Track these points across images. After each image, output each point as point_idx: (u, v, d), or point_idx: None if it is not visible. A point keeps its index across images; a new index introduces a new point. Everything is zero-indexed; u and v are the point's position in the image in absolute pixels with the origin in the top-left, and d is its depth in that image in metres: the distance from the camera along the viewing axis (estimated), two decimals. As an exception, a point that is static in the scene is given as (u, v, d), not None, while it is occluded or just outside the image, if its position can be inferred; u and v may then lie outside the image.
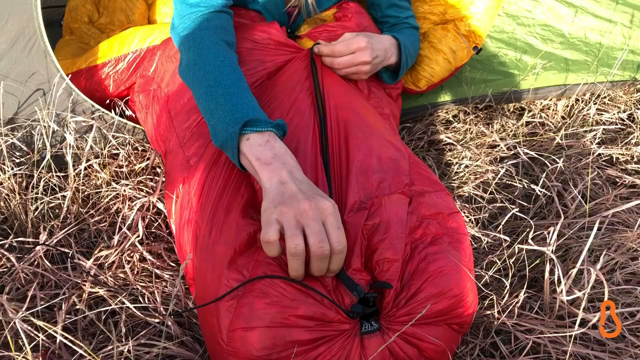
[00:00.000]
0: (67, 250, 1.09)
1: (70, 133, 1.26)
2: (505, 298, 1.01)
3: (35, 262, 1.06)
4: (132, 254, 1.11)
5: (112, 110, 1.37)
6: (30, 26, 1.26)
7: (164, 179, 1.20)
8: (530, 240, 1.03)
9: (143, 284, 1.05)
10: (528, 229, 1.15)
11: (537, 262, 1.11)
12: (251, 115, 0.89)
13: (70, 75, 1.32)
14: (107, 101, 1.38)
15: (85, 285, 1.01)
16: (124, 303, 0.97)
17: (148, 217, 1.18)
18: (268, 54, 1.15)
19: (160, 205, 1.20)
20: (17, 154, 1.29)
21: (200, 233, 0.91)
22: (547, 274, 0.98)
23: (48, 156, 1.22)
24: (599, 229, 1.18)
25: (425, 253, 0.86)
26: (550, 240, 1.01)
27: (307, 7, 1.29)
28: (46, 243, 1.07)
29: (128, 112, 1.36)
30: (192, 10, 1.11)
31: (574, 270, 0.96)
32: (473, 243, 1.21)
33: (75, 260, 1.07)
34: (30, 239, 1.11)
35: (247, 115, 0.89)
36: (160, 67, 1.25)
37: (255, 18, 1.26)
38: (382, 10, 1.42)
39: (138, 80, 1.31)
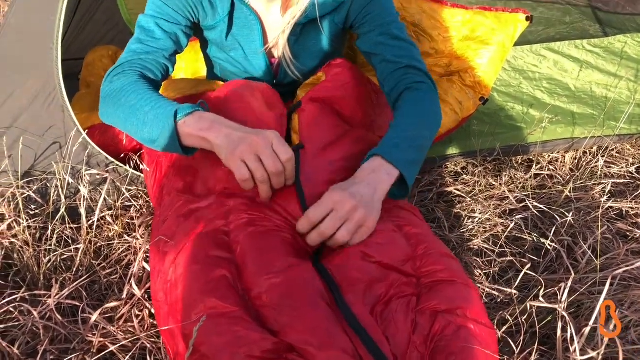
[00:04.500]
0: (77, 304, 1.09)
1: (84, 186, 1.28)
2: (517, 357, 1.00)
3: (47, 315, 1.06)
4: (142, 309, 1.11)
5: (127, 164, 1.39)
6: (50, 82, 1.30)
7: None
8: (541, 298, 1.03)
9: (153, 340, 1.05)
10: (539, 286, 1.14)
11: (549, 319, 1.10)
12: (176, 106, 1.03)
13: (86, 131, 1.35)
14: (122, 155, 1.41)
15: (94, 338, 1.01)
16: (133, 359, 0.97)
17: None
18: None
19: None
20: (32, 206, 1.31)
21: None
22: (559, 332, 0.97)
23: (63, 209, 1.24)
24: (611, 284, 1.17)
25: (448, 352, 0.81)
26: (562, 297, 1.01)
27: (284, 59, 1.30)
28: (57, 296, 1.08)
29: (142, 166, 1.38)
30: (140, 45, 1.18)
31: (587, 329, 0.95)
32: (484, 298, 1.21)
33: (85, 314, 1.07)
34: (42, 292, 1.12)
35: (174, 107, 1.02)
36: None
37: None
38: (366, 49, 1.27)
39: None
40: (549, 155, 1.77)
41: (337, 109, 1.22)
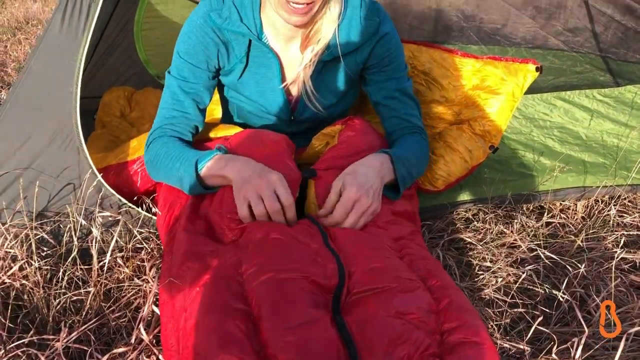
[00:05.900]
0: (85, 348, 1.08)
1: (97, 228, 1.29)
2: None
3: (54, 360, 1.06)
4: (150, 354, 1.10)
5: (140, 206, 1.40)
6: (68, 124, 1.33)
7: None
8: (554, 355, 1.01)
9: (160, 388, 1.04)
10: (552, 342, 1.12)
11: (562, 375, 1.08)
12: (197, 155, 1.20)
13: (101, 174, 1.37)
14: (135, 197, 1.42)
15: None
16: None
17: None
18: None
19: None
20: (44, 247, 1.32)
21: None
22: (573, 391, 0.95)
23: (75, 252, 1.25)
24: (626, 339, 1.15)
25: None
26: (575, 354, 0.99)
27: (306, 93, 1.35)
28: (65, 340, 1.07)
29: (154, 209, 1.39)
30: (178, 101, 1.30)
31: (602, 388, 0.93)
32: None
33: (93, 359, 1.07)
34: (51, 336, 1.12)
35: (195, 157, 1.19)
36: None
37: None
38: (378, 100, 1.40)
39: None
40: (561, 204, 1.76)
41: None
